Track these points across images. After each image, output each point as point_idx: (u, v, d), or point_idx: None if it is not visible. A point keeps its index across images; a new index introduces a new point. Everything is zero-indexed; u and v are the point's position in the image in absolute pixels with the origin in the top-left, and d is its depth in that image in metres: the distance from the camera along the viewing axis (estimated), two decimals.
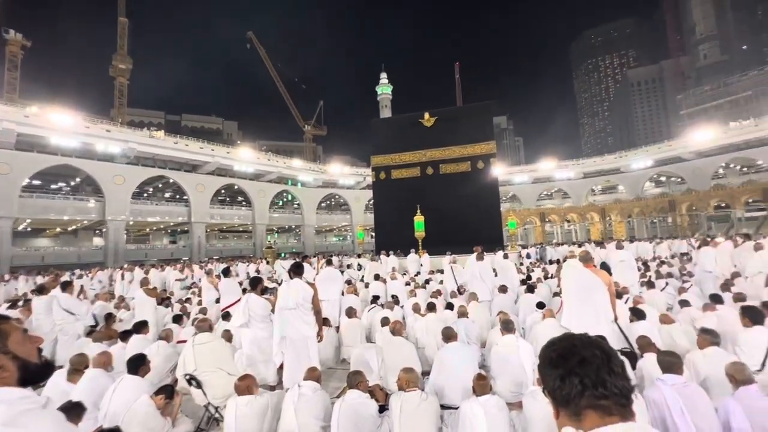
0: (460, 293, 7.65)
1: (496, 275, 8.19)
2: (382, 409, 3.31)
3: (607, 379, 0.79)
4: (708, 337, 3.40)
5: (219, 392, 3.69)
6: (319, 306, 4.45)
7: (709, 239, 10.25)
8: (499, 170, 21.66)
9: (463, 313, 5.41)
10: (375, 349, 4.36)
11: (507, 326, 4.10)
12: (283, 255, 33.95)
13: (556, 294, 6.66)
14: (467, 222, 15.46)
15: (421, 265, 13.02)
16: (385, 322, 5.16)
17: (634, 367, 3.46)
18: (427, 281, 9.58)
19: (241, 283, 9.14)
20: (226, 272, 7.33)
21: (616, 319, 4.10)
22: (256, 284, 4.78)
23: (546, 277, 9.34)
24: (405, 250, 14.33)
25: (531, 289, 6.92)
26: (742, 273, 7.34)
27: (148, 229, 45.31)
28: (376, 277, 9.14)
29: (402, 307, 6.76)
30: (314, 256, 21.95)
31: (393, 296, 7.42)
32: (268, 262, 19.56)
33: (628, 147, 59.27)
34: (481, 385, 3.10)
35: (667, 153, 44.23)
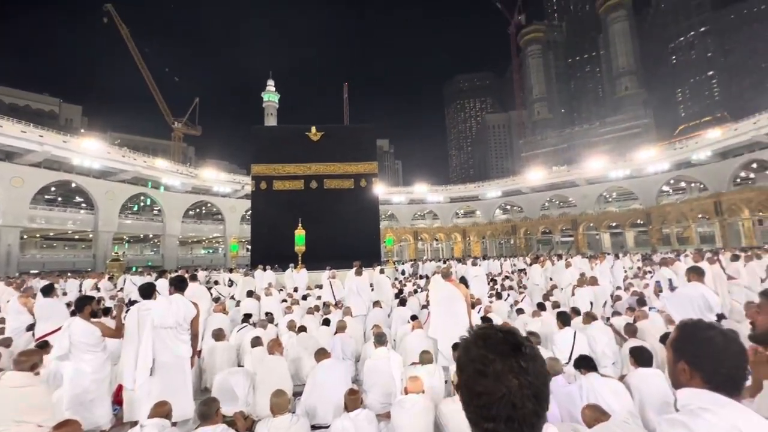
0: (338, 308, 7.69)
1: (373, 290, 8.52)
2: None
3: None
4: (533, 338, 4.23)
5: None
6: (197, 329, 3.95)
7: (538, 258, 12.79)
8: (380, 189, 22.93)
9: (341, 328, 5.44)
10: (242, 373, 4.01)
11: (379, 339, 4.29)
12: (134, 269, 28.77)
13: (425, 306, 7.29)
14: (348, 237, 15.78)
15: (296, 280, 12.66)
16: (255, 342, 4.81)
17: None
18: (305, 296, 9.35)
19: (69, 304, 7.32)
20: (47, 290, 5.77)
21: (471, 327, 4.71)
22: (83, 305, 3.93)
23: (416, 291, 10.13)
24: (283, 265, 13.76)
25: (403, 302, 7.40)
26: (558, 285, 9.32)
27: None
28: (249, 293, 8.50)
29: (277, 325, 6.43)
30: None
31: (267, 314, 7.00)
32: (111, 278, 16.25)
33: (484, 179, 70.38)
34: (352, 399, 3.14)
35: (511, 186, 54.84)
